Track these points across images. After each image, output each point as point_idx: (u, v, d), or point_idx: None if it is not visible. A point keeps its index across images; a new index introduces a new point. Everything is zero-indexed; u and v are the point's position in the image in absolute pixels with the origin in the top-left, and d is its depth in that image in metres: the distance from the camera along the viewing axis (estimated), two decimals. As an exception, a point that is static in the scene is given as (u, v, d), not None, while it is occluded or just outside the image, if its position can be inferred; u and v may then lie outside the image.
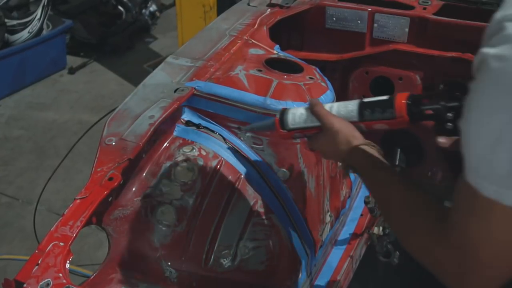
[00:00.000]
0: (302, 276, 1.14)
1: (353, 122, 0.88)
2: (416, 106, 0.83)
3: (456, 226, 0.60)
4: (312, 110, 0.90)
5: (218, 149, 1.10)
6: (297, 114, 0.93)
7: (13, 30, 3.21)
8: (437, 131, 0.83)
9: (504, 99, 0.51)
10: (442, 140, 0.83)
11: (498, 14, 0.53)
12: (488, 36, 0.53)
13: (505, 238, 0.57)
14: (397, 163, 1.48)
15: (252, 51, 1.24)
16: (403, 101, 0.84)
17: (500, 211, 0.55)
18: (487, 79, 0.53)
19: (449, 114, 0.80)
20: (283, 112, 0.95)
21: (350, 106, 0.89)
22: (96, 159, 0.98)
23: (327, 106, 0.91)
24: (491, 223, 0.57)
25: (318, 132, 0.90)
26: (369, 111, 0.87)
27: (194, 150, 1.08)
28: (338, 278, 1.24)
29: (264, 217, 1.09)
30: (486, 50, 0.52)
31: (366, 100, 0.89)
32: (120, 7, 3.76)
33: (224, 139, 1.12)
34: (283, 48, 1.32)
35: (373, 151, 0.83)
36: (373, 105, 0.87)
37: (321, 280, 1.23)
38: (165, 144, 1.10)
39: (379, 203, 0.79)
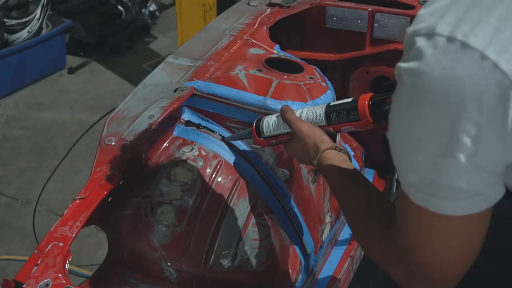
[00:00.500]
0: (302, 276, 1.14)
1: (321, 127, 0.90)
2: (379, 106, 0.84)
3: (397, 230, 0.63)
4: (283, 116, 0.93)
5: (218, 149, 1.10)
6: (270, 122, 0.96)
7: (12, 30, 3.21)
8: None
9: (417, 110, 0.54)
10: None
11: (410, 29, 0.55)
12: (404, 50, 0.56)
13: (439, 242, 0.59)
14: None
15: (252, 50, 1.24)
16: (365, 102, 0.85)
17: (428, 216, 0.57)
18: (402, 92, 0.55)
19: None
20: (259, 120, 0.98)
21: (318, 111, 0.91)
22: (96, 159, 0.98)
23: (297, 112, 0.93)
24: (423, 228, 0.59)
25: (290, 138, 0.93)
26: (335, 114, 0.89)
27: (194, 150, 1.08)
28: (339, 278, 1.23)
29: (264, 217, 1.09)
30: (400, 65, 0.55)
31: (332, 103, 0.91)
32: (119, 7, 3.76)
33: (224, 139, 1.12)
34: (283, 48, 1.31)
35: (339, 154, 0.85)
36: (338, 108, 0.89)
37: (322, 281, 1.23)
38: (164, 144, 1.10)
39: (340, 204, 0.81)
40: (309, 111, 0.93)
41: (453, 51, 0.51)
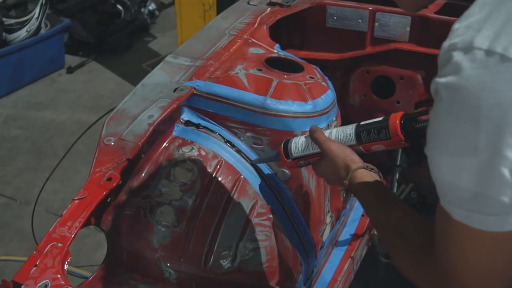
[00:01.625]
0: (302, 277, 1.14)
1: (351, 146, 0.90)
2: (410, 125, 0.85)
3: (437, 249, 0.62)
4: (312, 136, 0.93)
5: (217, 149, 1.09)
6: (299, 142, 0.97)
7: (11, 29, 3.20)
8: None
9: (457, 126, 0.53)
10: None
11: (446, 43, 0.54)
12: (439, 65, 0.55)
13: (481, 260, 0.58)
14: (398, 163, 1.48)
15: (252, 50, 1.23)
16: (397, 121, 0.85)
17: (471, 234, 0.56)
18: (440, 108, 0.55)
19: None
20: (286, 142, 0.99)
21: (348, 130, 0.92)
22: (95, 159, 0.97)
23: (326, 132, 0.93)
24: (465, 245, 0.58)
25: (319, 159, 0.93)
26: (365, 133, 0.89)
27: (194, 150, 1.07)
28: (339, 279, 1.23)
29: (264, 218, 1.09)
30: (438, 80, 0.55)
31: (362, 123, 0.92)
32: (118, 6, 3.75)
33: (224, 139, 1.12)
34: (283, 47, 1.31)
35: (370, 173, 0.85)
36: (369, 127, 0.89)
37: (322, 281, 1.23)
38: (164, 144, 1.09)
39: (373, 224, 0.81)
40: (338, 131, 0.93)
41: (493, 64, 0.50)
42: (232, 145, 1.11)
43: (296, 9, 1.42)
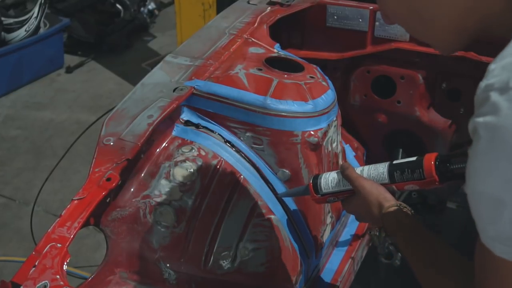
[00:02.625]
0: (302, 278, 1.13)
1: (384, 184, 0.92)
2: (444, 165, 0.86)
3: (478, 285, 0.62)
4: (343, 173, 0.94)
5: (217, 149, 1.09)
6: (329, 178, 0.97)
7: (10, 29, 3.20)
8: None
9: (497, 164, 0.54)
10: None
11: (483, 84, 0.56)
12: (477, 104, 0.57)
13: None
14: (399, 163, 1.47)
15: (252, 49, 1.23)
16: (431, 162, 0.87)
17: None
18: (479, 147, 0.56)
19: None
20: (316, 177, 0.99)
21: (380, 169, 0.93)
22: (94, 159, 0.97)
23: (357, 170, 0.95)
24: (507, 282, 0.58)
25: (351, 195, 0.94)
26: (398, 172, 0.90)
27: (193, 150, 1.07)
28: (339, 280, 1.23)
29: (264, 218, 1.08)
30: (476, 119, 0.56)
31: (395, 162, 0.93)
32: (118, 5, 3.75)
33: (224, 138, 1.11)
34: (283, 47, 1.31)
35: (404, 212, 0.86)
36: (403, 167, 0.90)
37: (322, 282, 1.23)
38: (163, 144, 1.08)
39: (409, 262, 0.81)
40: (370, 169, 0.94)
41: None
42: (232, 145, 1.10)
43: (296, 9, 1.42)
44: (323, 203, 1.03)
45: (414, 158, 0.90)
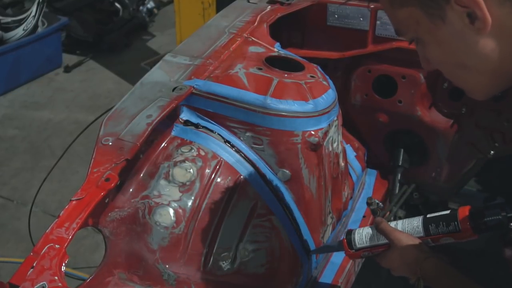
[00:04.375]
0: (303, 279, 1.13)
1: (419, 238, 0.95)
2: (479, 218, 0.89)
3: None
4: (378, 228, 0.97)
5: (217, 149, 1.08)
6: (363, 233, 1.00)
7: (8, 28, 3.19)
8: (502, 241, 0.88)
9: None
10: (509, 253, 0.90)
11: None
12: None
13: None
14: (400, 163, 1.47)
15: (252, 49, 1.22)
16: (466, 214, 0.90)
17: None
18: None
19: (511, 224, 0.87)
20: (349, 232, 1.02)
21: (415, 223, 0.96)
22: (93, 159, 0.96)
23: (392, 224, 0.97)
24: None
25: (386, 249, 0.97)
26: (433, 226, 0.94)
27: (193, 150, 1.06)
28: (340, 281, 1.23)
29: (264, 218, 1.08)
30: None
31: (429, 216, 0.96)
32: (117, 4, 3.74)
33: (224, 138, 1.10)
34: (283, 46, 1.30)
35: (442, 263, 0.89)
36: (437, 220, 0.94)
37: (323, 283, 1.22)
38: (163, 144, 1.08)
39: None
40: (404, 223, 0.97)
41: None
42: (232, 145, 1.10)
43: (296, 7, 1.41)
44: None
45: (448, 212, 0.93)
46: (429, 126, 1.43)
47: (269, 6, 1.41)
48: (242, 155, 1.10)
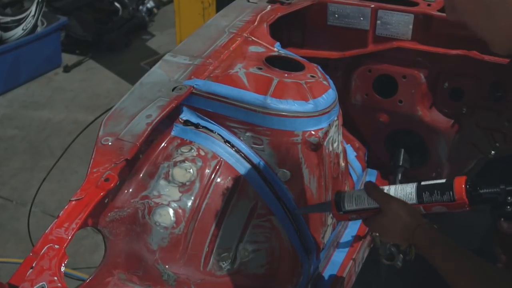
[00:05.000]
0: (303, 279, 1.13)
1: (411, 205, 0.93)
2: (475, 189, 0.87)
3: None
4: (368, 192, 0.94)
5: (217, 149, 1.08)
6: (353, 196, 0.97)
7: (7, 27, 3.18)
8: (496, 214, 0.87)
9: None
10: (505, 225, 0.89)
11: None
12: None
13: None
14: (400, 163, 1.46)
15: (252, 48, 1.22)
16: (462, 185, 0.88)
17: None
18: None
19: (510, 198, 0.85)
20: (339, 194, 1.00)
21: (408, 189, 0.93)
22: (92, 159, 0.96)
23: (384, 189, 0.95)
24: None
25: (376, 214, 0.94)
26: (427, 193, 0.91)
27: (193, 150, 1.06)
28: (341, 281, 1.22)
29: (264, 219, 1.08)
30: None
31: (423, 183, 0.93)
32: (116, 4, 3.73)
33: (223, 138, 1.10)
34: (283, 46, 1.30)
35: (435, 229, 0.87)
36: (432, 188, 0.91)
37: (323, 284, 1.22)
38: (162, 144, 1.08)
39: (450, 279, 0.81)
40: (397, 189, 0.95)
41: None
42: (232, 145, 1.10)
43: (296, 7, 1.41)
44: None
45: (443, 180, 0.91)
46: (429, 126, 1.43)
47: (269, 6, 1.40)
48: (242, 155, 1.10)
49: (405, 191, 0.94)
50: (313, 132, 1.07)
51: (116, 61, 3.58)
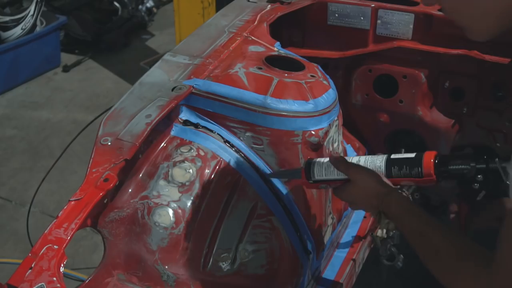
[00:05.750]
0: (303, 280, 1.12)
1: None
2: (444, 165, 0.86)
3: (502, 263, 0.64)
4: (337, 166, 0.94)
5: (216, 149, 1.08)
6: (323, 166, 0.96)
7: (6, 27, 3.18)
8: (463, 190, 0.86)
9: None
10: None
11: None
12: None
13: None
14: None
15: (252, 48, 1.22)
16: (431, 160, 0.86)
17: None
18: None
19: (478, 176, 0.85)
20: (309, 162, 0.98)
21: (377, 162, 0.92)
22: (91, 159, 0.96)
23: (354, 159, 0.94)
24: None
25: (346, 184, 0.94)
26: (396, 168, 0.90)
27: (192, 150, 1.06)
28: (341, 282, 1.22)
29: (264, 219, 1.08)
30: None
31: (393, 156, 0.92)
32: (115, 3, 3.73)
33: (223, 138, 1.10)
34: (283, 45, 1.29)
35: (406, 198, 0.87)
36: (401, 163, 0.90)
37: (323, 284, 1.21)
38: (162, 144, 1.08)
39: (419, 249, 0.81)
40: (367, 160, 0.94)
41: None
42: (232, 145, 1.09)
43: (297, 6, 1.41)
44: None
45: (413, 155, 0.90)
46: (430, 126, 1.42)
47: (269, 5, 1.40)
48: (242, 155, 1.09)
49: (374, 164, 0.93)
50: (313, 132, 1.07)
51: (116, 61, 3.58)
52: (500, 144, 1.39)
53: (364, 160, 0.94)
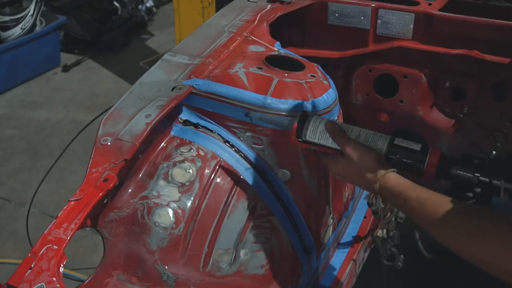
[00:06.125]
0: (303, 280, 1.12)
1: None
2: (447, 168, 0.84)
3: None
4: (333, 136, 0.89)
5: (216, 149, 1.08)
6: (319, 127, 0.91)
7: (5, 27, 3.18)
8: (454, 191, 0.85)
9: None
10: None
11: None
12: None
13: None
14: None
15: (252, 48, 1.21)
16: (436, 163, 0.84)
17: None
18: None
19: (478, 189, 0.82)
20: (304, 119, 0.91)
21: (379, 144, 0.88)
22: (91, 159, 0.96)
23: (354, 130, 0.89)
24: None
25: (339, 156, 0.89)
26: (397, 157, 0.86)
27: (192, 150, 1.06)
28: (341, 282, 1.22)
29: (264, 219, 1.08)
30: None
31: (397, 142, 0.87)
32: (115, 3, 3.73)
33: (223, 138, 1.10)
34: (283, 45, 1.29)
35: (403, 180, 0.84)
36: (404, 154, 0.86)
37: (323, 285, 1.21)
38: (162, 144, 1.07)
39: (427, 217, 0.77)
40: (368, 137, 0.89)
41: None
42: (232, 145, 1.09)
43: (297, 6, 1.41)
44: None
45: (418, 148, 0.86)
46: (430, 125, 1.42)
47: (269, 5, 1.40)
48: (242, 155, 1.09)
49: (376, 144, 0.88)
50: (313, 132, 1.06)
51: (115, 61, 3.58)
52: (501, 144, 1.39)
53: (365, 136, 0.89)
